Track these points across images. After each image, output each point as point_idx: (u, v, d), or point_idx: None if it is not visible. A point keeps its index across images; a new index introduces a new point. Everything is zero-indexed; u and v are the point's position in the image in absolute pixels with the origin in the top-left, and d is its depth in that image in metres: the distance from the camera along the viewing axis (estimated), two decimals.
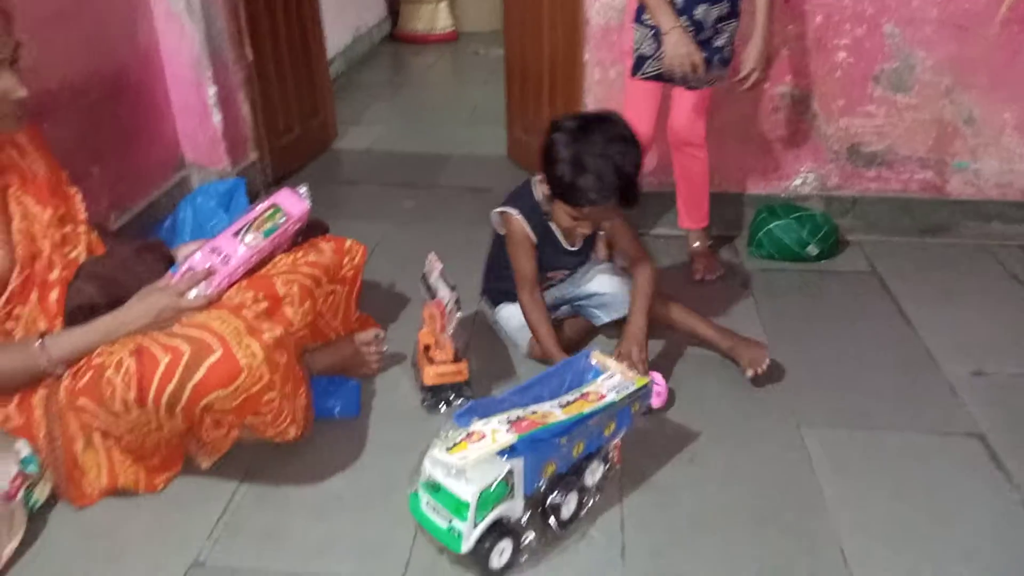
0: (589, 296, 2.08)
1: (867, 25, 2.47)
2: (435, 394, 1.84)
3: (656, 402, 1.82)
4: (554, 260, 2.00)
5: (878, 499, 1.57)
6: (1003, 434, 1.76)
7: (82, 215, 1.71)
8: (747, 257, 2.61)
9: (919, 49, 2.48)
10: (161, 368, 1.39)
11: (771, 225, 2.55)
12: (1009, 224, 2.66)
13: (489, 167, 3.44)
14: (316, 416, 1.72)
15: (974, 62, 2.48)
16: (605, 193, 1.73)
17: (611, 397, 1.52)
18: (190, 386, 1.39)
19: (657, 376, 1.83)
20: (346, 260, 1.87)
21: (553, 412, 1.46)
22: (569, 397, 1.53)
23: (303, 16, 3.37)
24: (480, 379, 1.93)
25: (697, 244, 2.54)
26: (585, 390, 1.55)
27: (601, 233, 2.07)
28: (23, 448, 1.52)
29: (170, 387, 1.39)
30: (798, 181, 2.71)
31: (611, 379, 1.58)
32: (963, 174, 2.64)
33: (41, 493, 1.55)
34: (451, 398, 1.84)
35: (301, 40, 3.37)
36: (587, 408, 1.47)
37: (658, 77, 2.22)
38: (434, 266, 1.87)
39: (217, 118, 2.81)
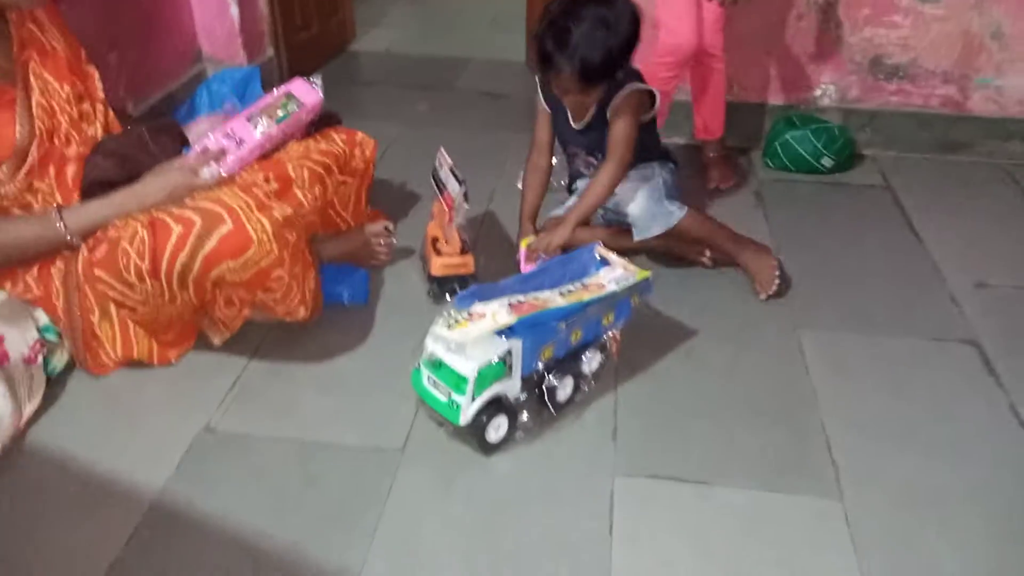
0: (619, 205, 2.03)
1: None
2: (441, 285, 1.89)
3: None
4: (562, 130, 2.03)
5: (869, 398, 1.61)
6: (998, 341, 1.78)
7: (100, 93, 1.74)
8: (762, 168, 2.60)
9: None
10: (173, 238, 1.43)
11: (787, 135, 2.53)
12: None
13: (506, 73, 3.41)
14: (325, 301, 1.78)
15: None
16: (560, 60, 1.72)
17: (611, 288, 1.55)
18: (201, 256, 1.44)
19: None
20: (357, 152, 1.90)
21: (553, 299, 1.50)
22: (570, 287, 1.57)
23: None
24: (486, 275, 1.97)
25: (713, 154, 2.53)
26: (587, 281, 1.59)
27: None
28: (41, 317, 1.58)
29: (182, 257, 1.43)
30: (818, 92, 2.68)
31: (613, 272, 1.61)
32: (986, 90, 2.59)
33: (60, 360, 1.62)
34: (456, 289, 1.88)
35: None
36: (586, 297, 1.51)
37: None
38: (444, 161, 1.89)
39: (235, 11, 2.80)
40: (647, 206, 1.95)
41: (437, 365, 1.44)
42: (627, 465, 1.45)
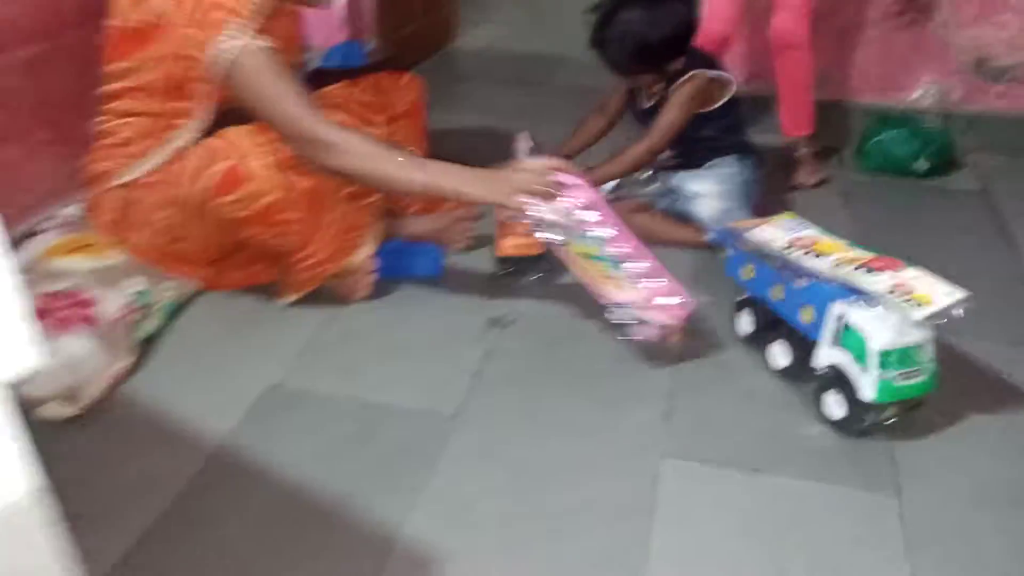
0: (691, 196, 2.04)
1: None
2: (509, 266, 1.91)
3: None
4: (636, 114, 2.08)
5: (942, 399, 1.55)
6: None
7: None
8: (853, 169, 2.52)
9: None
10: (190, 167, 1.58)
11: (882, 135, 2.45)
12: None
13: (605, 70, 3.41)
14: (396, 274, 1.86)
15: None
16: (599, 47, 1.88)
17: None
18: (202, 188, 1.57)
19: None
20: (399, 96, 1.97)
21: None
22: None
23: None
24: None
25: (801, 152, 2.47)
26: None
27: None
28: (140, 283, 1.70)
29: (198, 185, 1.57)
30: (917, 92, 2.58)
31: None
32: None
33: (151, 324, 1.72)
34: (525, 272, 1.91)
35: None
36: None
37: None
38: (523, 143, 1.93)
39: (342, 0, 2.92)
40: (721, 207, 1.95)
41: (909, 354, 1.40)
42: (677, 448, 1.45)
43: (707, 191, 1.98)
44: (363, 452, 1.43)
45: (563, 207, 1.55)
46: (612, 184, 2.13)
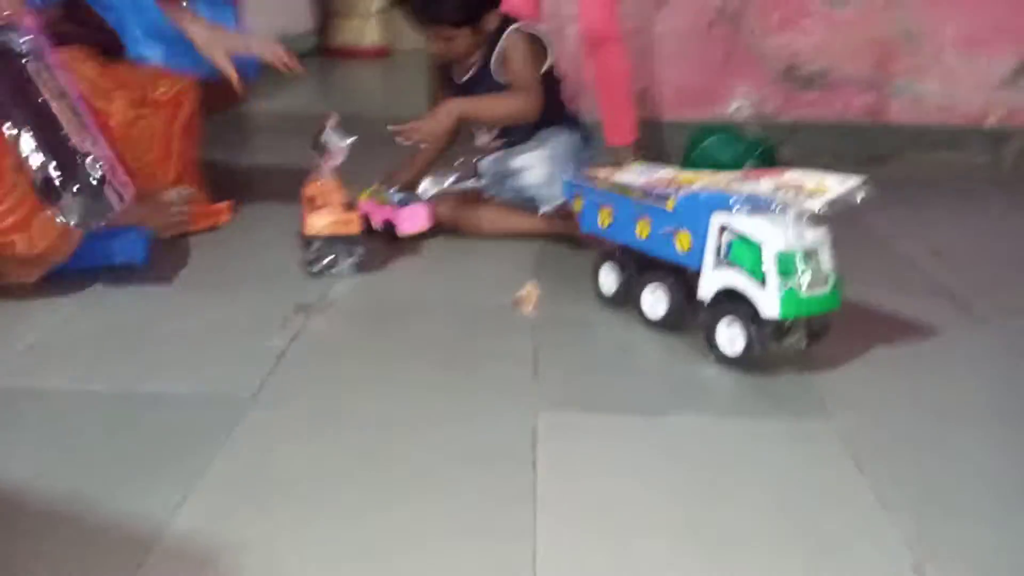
0: (517, 171, 1.78)
1: None
2: (320, 249, 1.55)
3: (406, 226, 1.69)
4: (450, 91, 1.83)
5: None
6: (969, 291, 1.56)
7: None
8: None
9: None
10: None
11: (705, 143, 2.36)
12: (953, 151, 2.53)
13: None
14: (93, 263, 1.47)
15: None
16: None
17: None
18: None
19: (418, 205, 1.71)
20: (163, 83, 1.66)
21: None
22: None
23: None
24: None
25: (629, 162, 2.32)
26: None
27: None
28: None
29: None
30: (734, 105, 2.55)
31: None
32: (904, 97, 2.51)
33: None
34: (338, 255, 1.56)
35: None
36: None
37: None
38: (328, 123, 1.62)
39: None
40: (548, 172, 1.72)
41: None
42: (553, 400, 1.12)
43: (534, 160, 1.75)
44: (117, 448, 0.99)
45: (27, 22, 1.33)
46: (448, 180, 1.87)
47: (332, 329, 1.34)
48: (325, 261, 1.54)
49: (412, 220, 1.70)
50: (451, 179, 2.09)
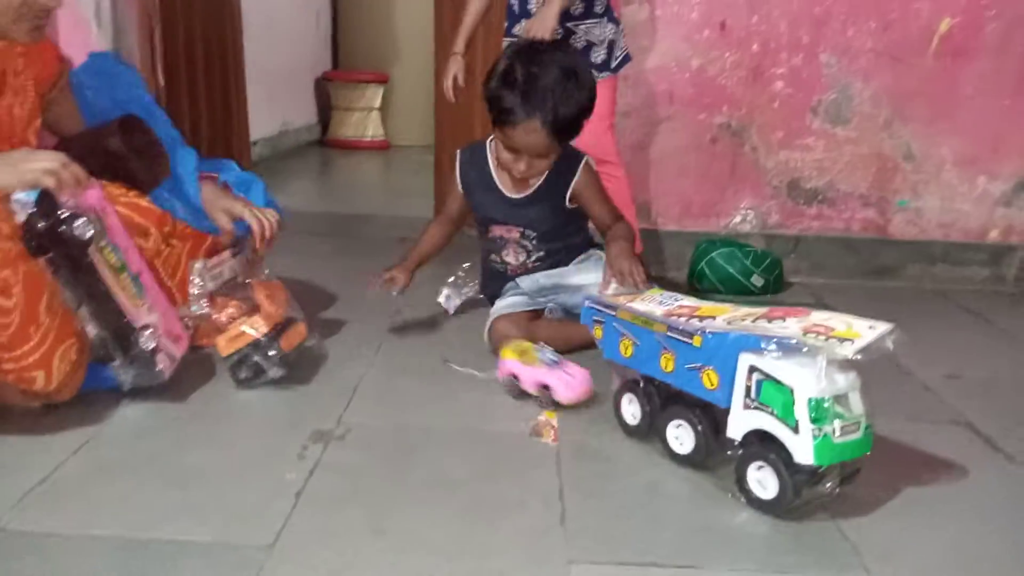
0: (576, 288, 1.78)
1: (804, 54, 2.44)
2: (238, 365, 1.53)
3: (567, 394, 1.49)
4: (491, 206, 1.81)
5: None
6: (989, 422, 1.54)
7: None
8: (690, 291, 2.41)
9: (856, 79, 2.45)
10: None
11: (713, 254, 2.39)
12: (955, 267, 2.56)
13: (414, 223, 3.23)
14: (103, 386, 1.44)
15: (911, 94, 2.46)
16: (528, 108, 1.58)
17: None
18: None
19: (573, 367, 1.52)
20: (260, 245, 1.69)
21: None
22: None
23: (225, 60, 3.23)
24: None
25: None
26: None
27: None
28: None
29: None
30: (738, 218, 2.58)
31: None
32: (905, 213, 2.55)
33: None
34: (258, 365, 1.52)
35: (221, 88, 3.23)
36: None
37: None
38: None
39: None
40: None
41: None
42: (583, 551, 1.08)
43: (594, 279, 1.76)
44: None
45: (89, 199, 1.35)
46: (466, 290, 1.93)
47: (350, 464, 1.29)
48: (247, 374, 1.53)
49: (571, 387, 1.49)
50: (469, 289, 2.10)
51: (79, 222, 1.29)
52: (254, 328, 1.52)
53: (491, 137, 1.78)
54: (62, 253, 1.29)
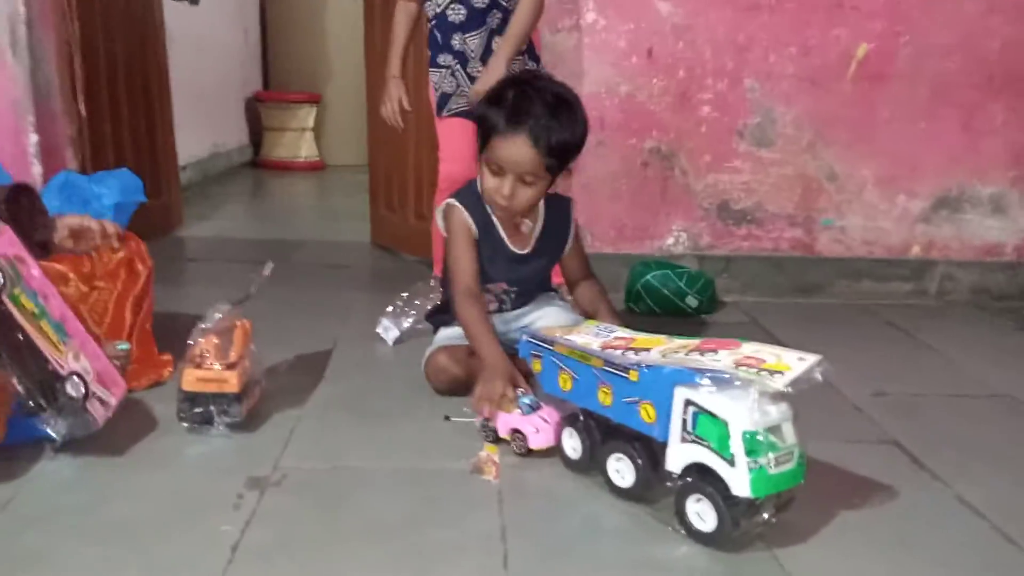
0: (525, 326, 1.78)
1: (728, 79, 2.50)
2: (193, 405, 1.50)
3: (536, 440, 1.44)
4: (495, 265, 1.74)
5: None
6: (915, 440, 1.59)
7: None
8: (626, 313, 2.45)
9: (779, 104, 2.52)
10: None
11: (648, 276, 2.42)
12: (879, 282, 2.65)
13: (349, 249, 3.22)
14: (28, 436, 1.39)
15: (832, 118, 2.54)
16: (514, 121, 1.55)
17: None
18: None
19: (549, 411, 1.48)
20: (106, 256, 1.65)
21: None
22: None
23: (149, 84, 3.16)
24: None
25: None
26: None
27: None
28: None
29: None
30: (670, 240, 2.63)
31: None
32: (830, 231, 2.63)
33: None
34: (211, 414, 1.50)
35: (146, 112, 3.15)
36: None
37: (466, 114, 2.09)
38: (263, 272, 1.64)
39: (38, 170, 2.49)
40: (563, 320, 1.73)
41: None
42: None
43: (545, 313, 1.80)
44: None
45: None
46: (407, 321, 1.98)
47: (286, 511, 1.27)
48: (195, 415, 1.50)
49: (543, 433, 1.44)
50: (408, 319, 2.09)
51: None
52: (227, 381, 1.48)
53: (478, 183, 1.70)
54: None
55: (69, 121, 2.62)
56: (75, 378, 1.34)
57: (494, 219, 1.72)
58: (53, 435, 1.37)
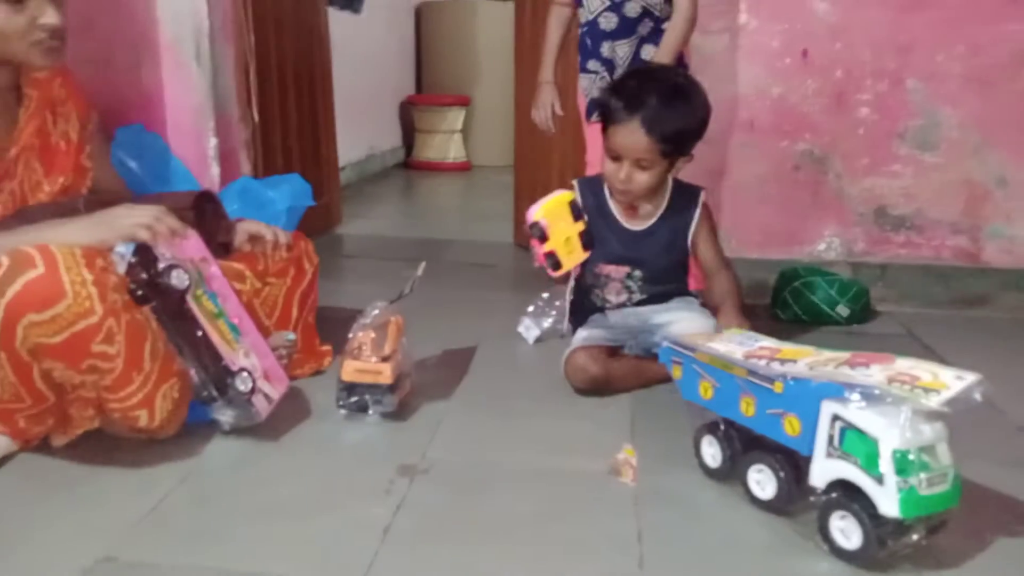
0: (660, 326, 1.81)
1: (889, 80, 2.39)
2: (350, 394, 1.61)
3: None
4: (608, 245, 1.81)
5: None
6: None
7: (85, 188, 1.60)
8: (771, 320, 2.39)
9: (944, 105, 2.39)
10: None
11: (797, 283, 2.36)
12: None
13: (493, 249, 3.31)
14: (206, 419, 1.52)
15: (1002, 119, 2.38)
16: (630, 108, 1.64)
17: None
18: (2, 302, 1.20)
19: None
20: (276, 254, 1.74)
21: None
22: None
23: (314, 91, 3.36)
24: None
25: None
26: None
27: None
28: None
29: None
30: (822, 246, 2.54)
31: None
32: (998, 240, 2.47)
33: None
34: (366, 402, 1.61)
35: (311, 117, 3.35)
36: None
37: None
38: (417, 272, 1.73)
39: (216, 171, 2.71)
40: (697, 326, 1.74)
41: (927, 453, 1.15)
42: None
43: (682, 316, 1.80)
44: None
45: (187, 249, 1.44)
46: (548, 321, 2.04)
47: (433, 500, 1.34)
48: (351, 403, 1.61)
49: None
50: (549, 319, 2.14)
51: (175, 272, 1.38)
52: (381, 373, 1.58)
53: None
54: (161, 302, 1.37)
55: (244, 126, 2.83)
56: (244, 374, 1.46)
57: (610, 202, 1.81)
58: (222, 424, 1.50)
